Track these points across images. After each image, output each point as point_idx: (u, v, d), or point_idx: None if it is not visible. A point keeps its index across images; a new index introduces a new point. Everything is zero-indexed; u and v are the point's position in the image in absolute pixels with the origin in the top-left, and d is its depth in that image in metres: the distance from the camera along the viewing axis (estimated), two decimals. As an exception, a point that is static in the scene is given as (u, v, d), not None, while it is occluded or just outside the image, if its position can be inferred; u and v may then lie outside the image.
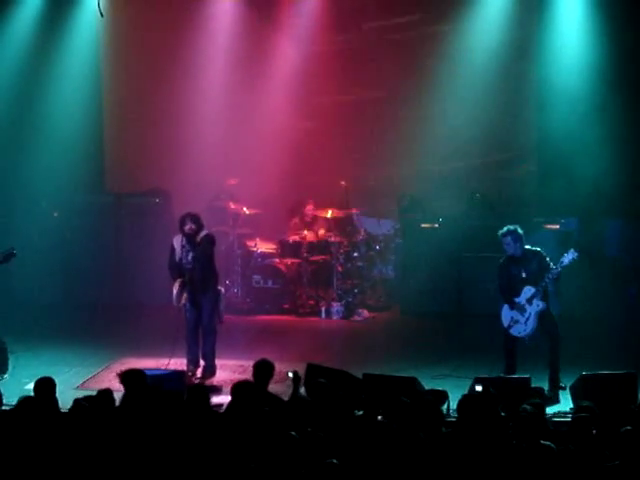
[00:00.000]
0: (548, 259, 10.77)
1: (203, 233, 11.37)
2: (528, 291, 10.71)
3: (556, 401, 10.34)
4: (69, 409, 7.99)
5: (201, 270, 11.34)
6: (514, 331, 10.76)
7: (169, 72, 15.55)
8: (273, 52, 15.43)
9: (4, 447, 7.50)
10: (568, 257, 10.55)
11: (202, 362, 11.54)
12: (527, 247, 10.82)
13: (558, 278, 10.68)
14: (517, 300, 10.74)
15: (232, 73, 15.42)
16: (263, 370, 8.89)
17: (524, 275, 10.75)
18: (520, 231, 10.79)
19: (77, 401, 8.04)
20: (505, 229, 10.82)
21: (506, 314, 10.82)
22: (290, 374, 9.13)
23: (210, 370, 11.50)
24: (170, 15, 15.37)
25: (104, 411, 7.95)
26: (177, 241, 11.41)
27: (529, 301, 10.68)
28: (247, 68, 15.45)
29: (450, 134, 14.98)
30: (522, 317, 10.72)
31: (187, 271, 11.32)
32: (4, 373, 11.38)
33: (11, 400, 8.44)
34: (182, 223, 11.33)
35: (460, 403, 7.83)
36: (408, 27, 15.22)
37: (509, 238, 10.76)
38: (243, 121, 15.51)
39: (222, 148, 15.36)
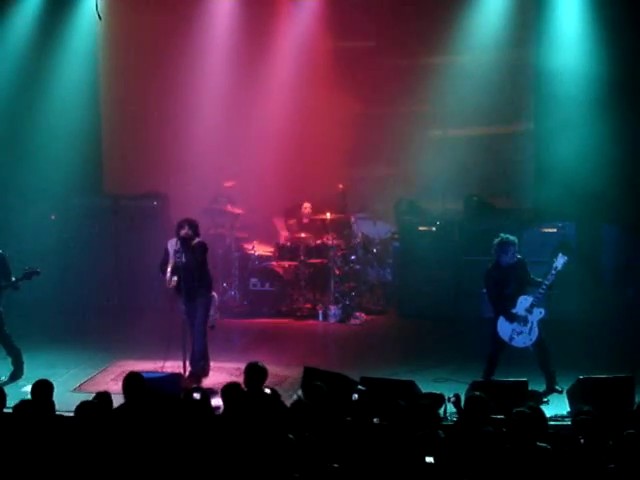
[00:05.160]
0: (526, 262, 10.85)
1: (197, 240, 11.41)
2: (525, 301, 10.66)
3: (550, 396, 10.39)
4: (75, 409, 7.98)
5: (193, 276, 11.34)
6: (518, 342, 10.67)
7: (167, 74, 15.56)
8: (271, 55, 15.43)
9: (1, 450, 7.51)
10: (560, 262, 10.53)
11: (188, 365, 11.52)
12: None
13: (552, 284, 10.66)
14: (515, 311, 10.70)
15: (230, 76, 15.42)
16: (253, 373, 8.87)
17: (514, 284, 10.71)
18: (515, 239, 10.80)
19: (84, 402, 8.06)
20: (508, 238, 10.71)
21: (505, 327, 10.69)
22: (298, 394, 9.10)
23: (202, 371, 11.49)
24: (168, 17, 15.39)
25: (103, 414, 7.95)
26: (171, 245, 11.43)
27: (529, 310, 10.64)
28: (245, 71, 15.44)
29: (448, 137, 14.99)
30: (525, 328, 10.67)
31: (180, 274, 11.32)
32: (20, 378, 11.43)
33: (8, 402, 8.43)
34: (179, 227, 11.36)
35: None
36: (408, 28, 15.21)
37: (513, 248, 10.70)
38: (241, 124, 15.52)
39: (220, 151, 15.35)
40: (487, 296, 11.02)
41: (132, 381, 8.54)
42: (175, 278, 11.32)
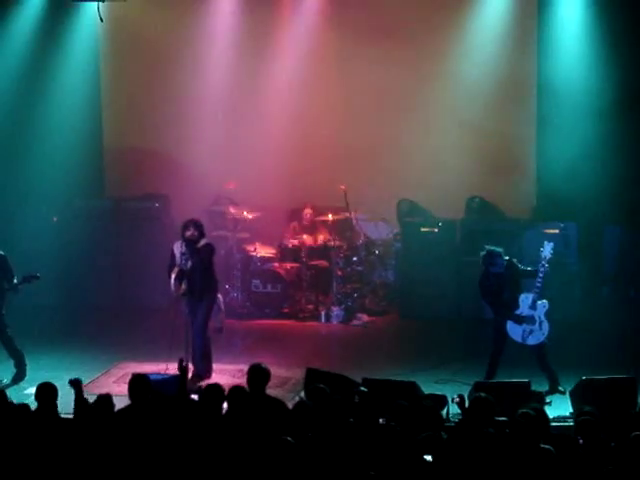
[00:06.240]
0: (515, 261, 10.90)
1: (204, 241, 11.38)
2: (526, 299, 10.70)
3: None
4: (94, 402, 7.99)
5: (199, 278, 11.33)
6: (532, 341, 10.72)
7: (168, 76, 15.56)
8: (273, 55, 15.40)
9: (6, 452, 7.51)
10: (547, 249, 10.58)
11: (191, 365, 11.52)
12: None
13: (546, 274, 10.66)
14: (520, 312, 10.72)
15: (232, 77, 15.40)
16: (256, 375, 8.86)
17: (510, 288, 10.77)
18: (501, 250, 10.87)
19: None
20: (493, 250, 10.81)
21: (516, 330, 10.74)
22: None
23: (205, 373, 11.49)
24: (169, 20, 15.38)
25: (104, 416, 7.95)
26: (177, 247, 11.41)
27: (533, 307, 10.66)
28: (247, 71, 15.42)
29: (450, 139, 14.99)
30: (535, 325, 10.69)
31: (186, 277, 11.31)
32: (22, 380, 11.43)
33: (10, 405, 8.43)
34: (184, 228, 11.33)
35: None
36: (409, 26, 15.21)
37: (500, 258, 10.77)
38: (243, 124, 15.50)
39: (221, 152, 15.34)
40: (487, 304, 11.08)
41: (138, 383, 8.54)
42: (183, 286, 11.29)
